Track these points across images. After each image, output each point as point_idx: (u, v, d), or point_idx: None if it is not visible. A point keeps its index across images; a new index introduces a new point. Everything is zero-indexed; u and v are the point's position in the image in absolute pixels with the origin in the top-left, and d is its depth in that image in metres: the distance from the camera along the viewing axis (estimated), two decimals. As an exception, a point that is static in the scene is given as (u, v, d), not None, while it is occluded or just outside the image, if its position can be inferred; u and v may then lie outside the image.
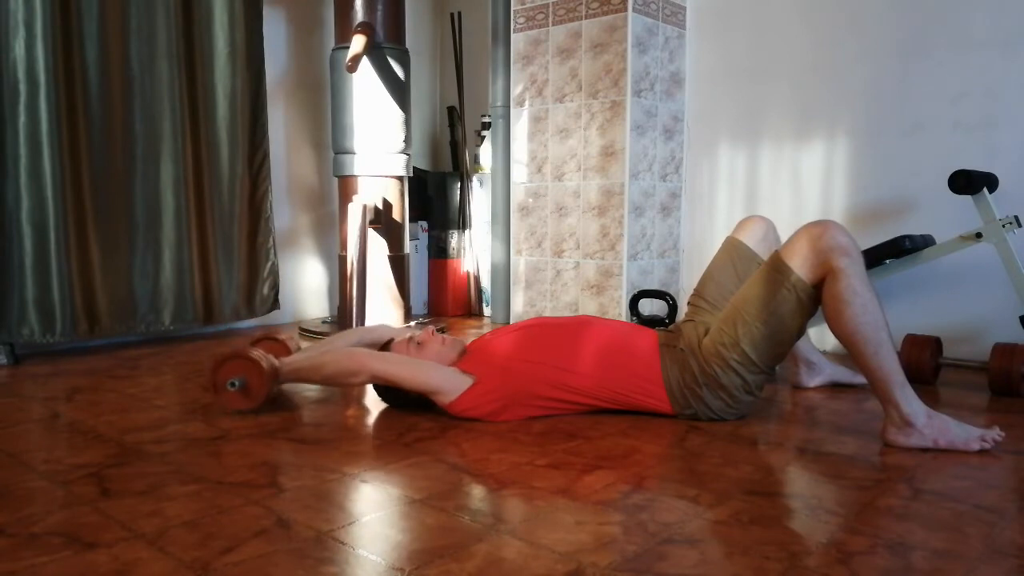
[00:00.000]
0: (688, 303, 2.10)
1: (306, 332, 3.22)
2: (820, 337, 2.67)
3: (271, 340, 2.25)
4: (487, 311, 3.78)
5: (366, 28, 3.05)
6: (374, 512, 1.33)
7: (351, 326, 3.06)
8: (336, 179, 3.32)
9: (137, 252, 2.93)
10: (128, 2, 2.84)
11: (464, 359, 1.92)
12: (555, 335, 1.91)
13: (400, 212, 3.27)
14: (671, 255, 3.17)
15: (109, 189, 2.84)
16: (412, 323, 3.28)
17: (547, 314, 3.18)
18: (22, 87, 2.59)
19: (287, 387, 2.38)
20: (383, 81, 3.11)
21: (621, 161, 2.93)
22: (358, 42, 2.98)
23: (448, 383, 1.84)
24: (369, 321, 3.09)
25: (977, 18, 2.51)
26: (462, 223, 3.83)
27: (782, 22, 2.91)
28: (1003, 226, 2.17)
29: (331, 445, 1.72)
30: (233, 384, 1.87)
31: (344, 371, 1.86)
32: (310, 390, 2.28)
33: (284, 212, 3.54)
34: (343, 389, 2.16)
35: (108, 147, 2.83)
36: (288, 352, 2.17)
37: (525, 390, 1.84)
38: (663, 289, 2.95)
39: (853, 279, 1.63)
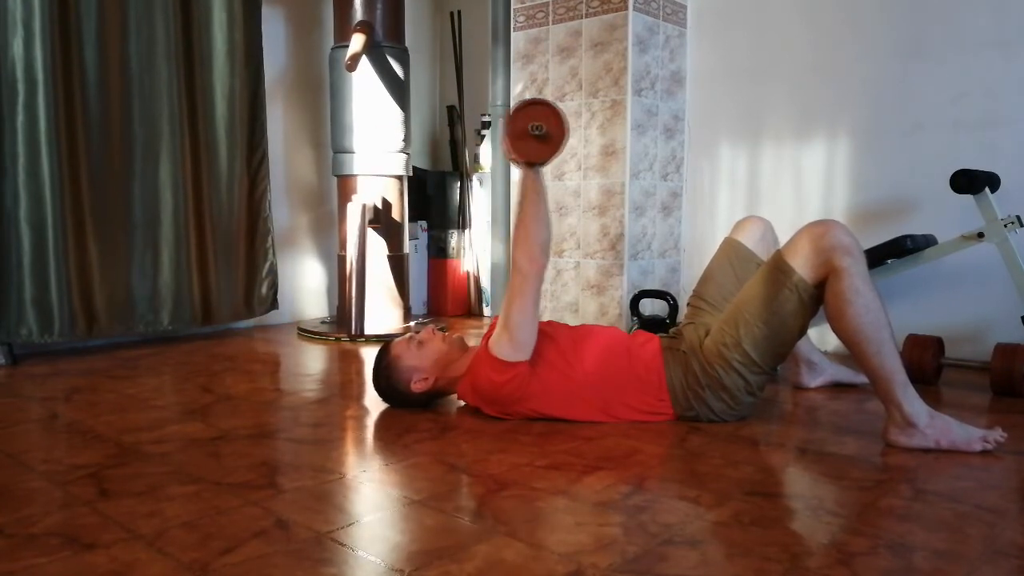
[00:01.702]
0: (687, 304, 2.09)
1: (305, 332, 3.21)
2: (821, 337, 2.66)
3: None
4: (487, 311, 3.77)
5: (365, 27, 3.04)
6: (373, 513, 1.33)
7: (350, 326, 3.05)
8: (335, 178, 3.31)
9: (135, 252, 2.93)
10: (127, 2, 2.84)
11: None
12: (560, 340, 1.89)
13: (399, 212, 3.26)
14: (672, 255, 3.17)
15: (107, 189, 2.83)
16: (412, 323, 3.28)
17: (547, 315, 3.18)
18: (20, 86, 2.58)
19: (287, 387, 2.38)
20: (382, 80, 3.11)
21: (621, 160, 2.92)
22: (357, 41, 2.98)
23: (526, 344, 1.76)
24: (368, 321, 3.08)
25: (977, 18, 2.50)
26: (462, 223, 3.82)
27: (783, 22, 2.90)
28: (1005, 226, 2.17)
29: (330, 445, 1.72)
30: (539, 128, 1.74)
31: (536, 244, 1.75)
32: (309, 390, 2.28)
33: (283, 212, 3.53)
34: (515, 242, 1.83)
35: (106, 146, 2.82)
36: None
37: (538, 398, 1.82)
38: (664, 289, 2.95)
39: (855, 279, 1.63)
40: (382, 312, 3.17)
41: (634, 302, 2.74)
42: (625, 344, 1.88)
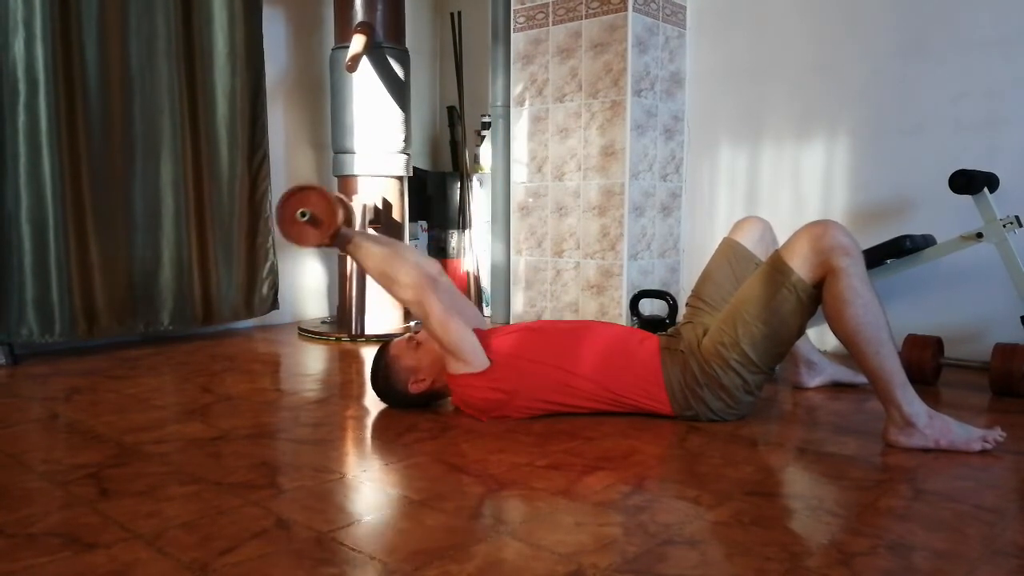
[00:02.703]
0: (686, 304, 2.09)
1: (305, 332, 3.21)
2: (820, 337, 2.66)
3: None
4: (487, 311, 3.78)
5: (366, 28, 3.05)
6: (373, 513, 1.33)
7: (351, 326, 3.06)
8: (336, 179, 3.31)
9: (136, 252, 2.93)
10: (128, 1, 2.84)
11: (486, 343, 1.89)
12: (557, 337, 1.90)
13: (400, 212, 3.26)
14: (671, 255, 3.17)
15: (108, 188, 2.83)
16: (412, 323, 3.28)
17: (547, 314, 3.18)
18: (21, 86, 2.59)
19: (287, 387, 2.38)
20: (383, 81, 3.11)
21: (621, 161, 2.92)
22: (358, 42, 2.98)
23: (473, 354, 1.81)
24: (368, 321, 3.09)
25: (977, 18, 2.51)
26: (462, 223, 3.82)
27: (782, 22, 2.90)
28: (1004, 226, 2.17)
29: (331, 445, 1.72)
30: (304, 215, 1.79)
31: (401, 279, 1.80)
32: (310, 391, 2.28)
33: (284, 212, 3.53)
34: (387, 294, 1.98)
35: (107, 146, 2.82)
36: (349, 212, 2.06)
37: (526, 388, 1.83)
38: (663, 289, 2.95)
39: (854, 279, 1.63)
40: (382, 312, 3.17)
41: (634, 302, 2.74)
42: (624, 343, 1.88)
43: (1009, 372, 2.07)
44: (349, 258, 3.04)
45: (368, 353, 2.79)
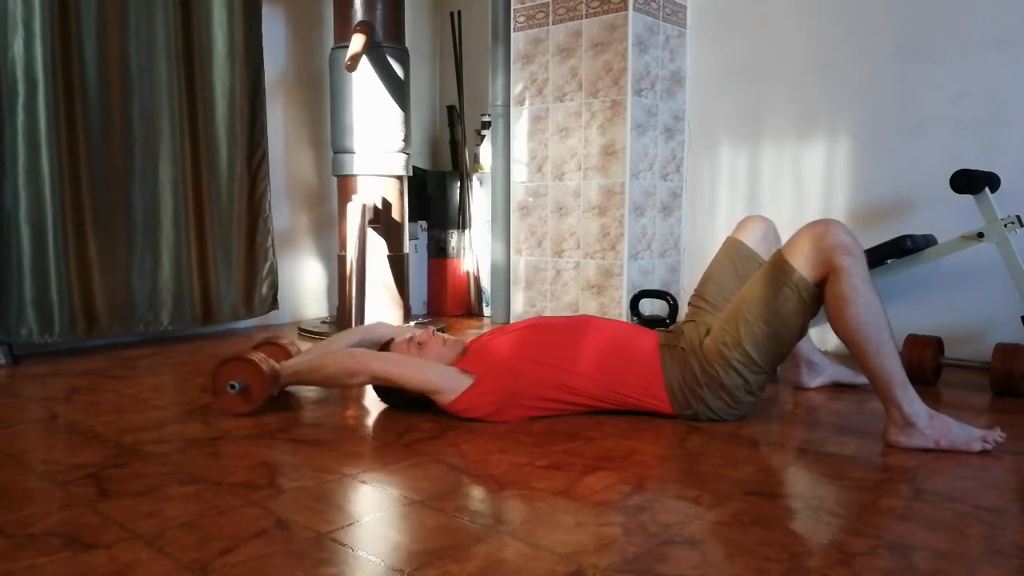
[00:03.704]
0: (689, 303, 2.09)
1: (305, 332, 3.21)
2: (821, 337, 2.66)
3: (272, 345, 2.24)
4: (487, 311, 3.77)
5: (365, 27, 3.04)
6: (373, 513, 1.33)
7: (351, 326, 3.05)
8: (335, 178, 3.31)
9: (135, 252, 2.92)
10: (127, 1, 2.83)
11: (463, 358, 1.91)
12: (555, 335, 1.90)
13: (400, 212, 3.26)
14: (672, 255, 3.17)
15: (107, 189, 2.83)
16: (412, 323, 3.27)
17: (547, 314, 3.18)
18: (20, 87, 2.58)
19: (288, 388, 2.38)
20: (382, 80, 3.11)
21: (621, 160, 2.92)
22: (357, 41, 2.98)
23: (448, 382, 1.83)
24: (368, 320, 3.08)
25: (978, 17, 2.50)
26: (462, 223, 3.82)
27: (783, 21, 2.90)
28: (1005, 226, 2.17)
29: (330, 446, 1.72)
30: (233, 387, 1.88)
31: (344, 371, 1.86)
32: (309, 391, 2.28)
33: (283, 212, 3.53)
34: (343, 389, 2.16)
35: (107, 146, 2.82)
36: (288, 356, 2.17)
37: (525, 390, 1.83)
38: (664, 289, 2.95)
39: (855, 278, 1.63)
40: (382, 312, 3.17)
41: (634, 302, 2.74)
42: (623, 340, 1.88)
43: (1010, 372, 2.07)
44: (349, 258, 3.05)
45: (368, 353, 2.78)
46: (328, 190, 3.68)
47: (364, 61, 3.04)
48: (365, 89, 3.09)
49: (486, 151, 3.69)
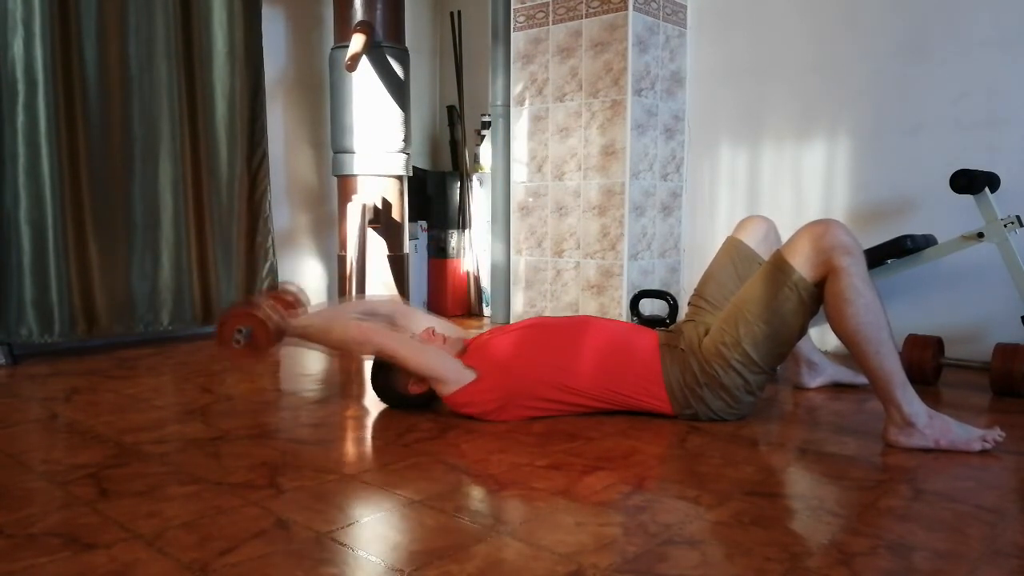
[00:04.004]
0: (689, 303, 2.09)
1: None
2: (821, 337, 2.66)
3: (280, 296, 2.16)
4: (487, 311, 3.77)
5: (365, 27, 3.04)
6: (373, 513, 1.33)
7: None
8: (335, 178, 3.31)
9: (135, 252, 2.92)
10: (127, 1, 2.83)
11: (465, 356, 1.91)
12: (555, 335, 1.90)
13: (399, 212, 3.26)
14: (672, 255, 3.17)
15: (107, 189, 2.83)
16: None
17: (547, 314, 3.18)
18: (20, 87, 2.58)
19: (287, 387, 2.38)
20: (382, 80, 3.11)
21: (621, 160, 2.92)
22: (357, 41, 2.98)
23: (452, 373, 1.83)
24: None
25: (978, 17, 2.50)
26: (462, 223, 3.82)
27: (783, 21, 2.90)
28: (1005, 226, 2.17)
29: (330, 446, 1.72)
30: (239, 337, 1.82)
31: (351, 340, 1.85)
32: (310, 391, 2.28)
33: (283, 212, 3.53)
34: (346, 359, 2.10)
35: (106, 147, 2.82)
36: (296, 307, 2.11)
37: (524, 390, 1.83)
38: (664, 289, 2.95)
39: (855, 278, 1.63)
40: (382, 312, 3.17)
41: (634, 302, 2.74)
42: (623, 340, 1.88)
43: (1010, 372, 2.07)
44: (349, 258, 3.05)
45: (368, 353, 2.79)
46: (328, 190, 3.68)
47: (364, 61, 3.04)
48: (365, 89, 3.09)
49: (486, 151, 3.69)
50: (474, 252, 3.83)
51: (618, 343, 1.88)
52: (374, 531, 1.24)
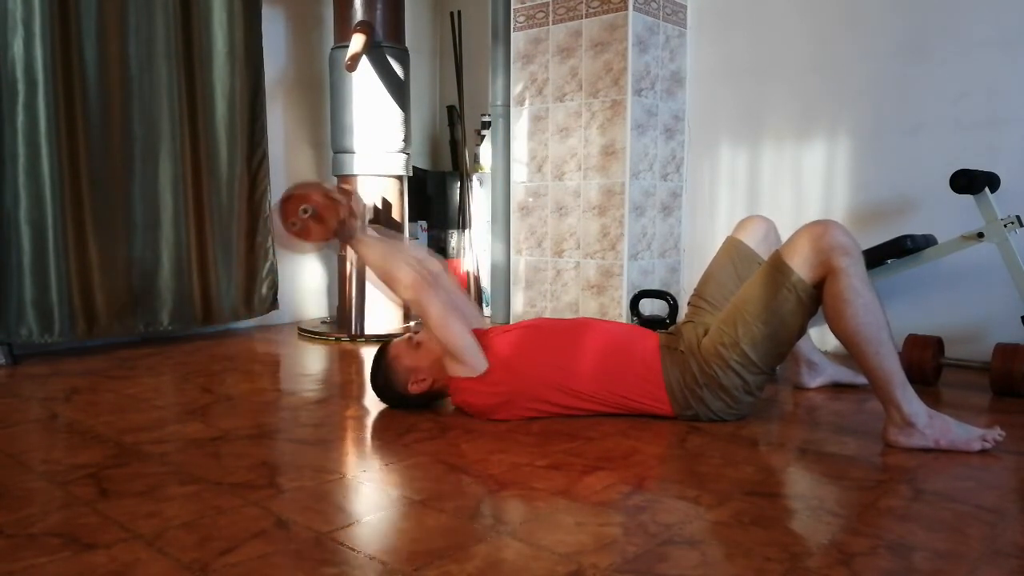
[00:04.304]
0: (688, 303, 2.09)
1: (305, 332, 3.21)
2: (821, 337, 2.66)
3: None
4: (487, 311, 3.77)
5: (365, 27, 3.04)
6: (373, 513, 1.33)
7: (350, 327, 3.05)
8: (335, 178, 3.31)
9: (136, 252, 2.92)
10: (127, 1, 2.84)
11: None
12: (555, 336, 1.90)
13: (399, 212, 3.26)
14: (672, 255, 3.17)
15: (107, 189, 2.83)
16: (412, 323, 3.28)
17: (547, 314, 3.18)
18: (20, 86, 2.58)
19: (287, 387, 2.38)
20: (382, 80, 3.11)
21: (622, 160, 2.92)
22: (357, 41, 2.98)
23: (471, 356, 1.82)
24: (368, 321, 3.08)
25: (978, 17, 2.50)
26: (462, 223, 3.82)
27: (783, 21, 2.90)
28: (1005, 226, 2.17)
29: (330, 446, 1.72)
30: (304, 212, 1.76)
31: (399, 279, 1.81)
32: (309, 391, 2.28)
33: (283, 212, 3.53)
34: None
35: (107, 146, 2.82)
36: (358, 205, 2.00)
37: (526, 390, 1.83)
38: (664, 289, 2.95)
39: (854, 279, 1.63)
40: (382, 312, 3.17)
41: (634, 302, 2.74)
42: (623, 341, 1.88)
43: (1010, 372, 2.07)
44: (348, 258, 3.05)
45: (368, 353, 2.79)
46: (330, 185, 3.67)
47: (364, 61, 3.04)
48: (365, 89, 3.09)
49: (486, 151, 3.69)
50: (474, 252, 3.83)
51: (619, 344, 1.88)
52: (374, 531, 1.24)
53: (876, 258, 2.32)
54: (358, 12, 3.09)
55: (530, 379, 1.83)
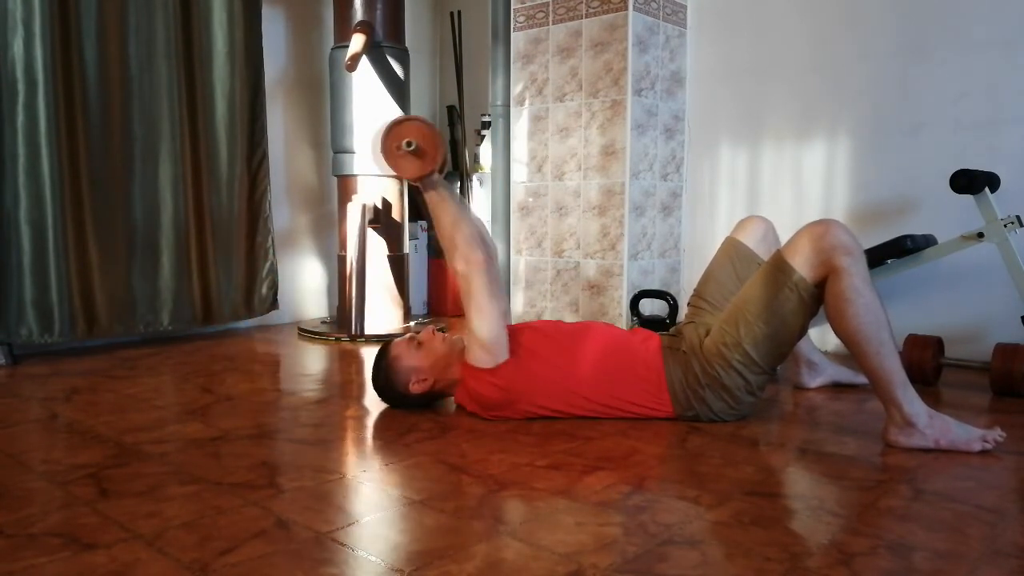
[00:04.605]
0: (688, 304, 2.09)
1: (305, 332, 3.21)
2: (821, 337, 2.66)
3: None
4: (487, 311, 3.77)
5: (365, 27, 3.04)
6: (373, 513, 1.33)
7: (351, 327, 3.05)
8: (335, 178, 3.31)
9: (136, 252, 2.92)
10: (127, 1, 2.83)
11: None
12: (558, 338, 1.90)
13: (400, 212, 3.26)
14: (672, 255, 3.17)
15: (107, 189, 2.83)
16: (412, 323, 3.28)
17: (547, 315, 3.18)
18: (20, 86, 2.58)
19: (287, 387, 2.38)
20: (382, 80, 3.11)
21: (621, 160, 2.92)
22: (357, 41, 2.98)
23: (499, 347, 1.80)
24: (368, 321, 3.08)
25: (978, 17, 2.50)
26: (462, 223, 3.82)
27: (783, 21, 2.90)
28: (1005, 226, 2.17)
29: (331, 445, 1.72)
30: (408, 145, 1.76)
31: (463, 245, 1.78)
32: (310, 391, 2.28)
33: (283, 212, 3.53)
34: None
35: (107, 147, 2.82)
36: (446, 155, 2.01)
37: (530, 390, 1.82)
38: (664, 289, 2.95)
39: (855, 278, 1.63)
40: (382, 312, 3.17)
41: (634, 302, 2.74)
42: (625, 342, 1.88)
43: (1010, 372, 2.07)
44: (349, 258, 3.05)
45: (368, 353, 2.79)
46: (328, 190, 3.68)
47: (364, 61, 3.04)
48: (365, 89, 3.09)
49: (486, 151, 3.69)
50: (474, 252, 3.83)
51: (620, 345, 1.87)
52: (374, 531, 1.24)
53: (876, 258, 2.32)
54: (358, 12, 3.09)
55: (537, 380, 1.83)
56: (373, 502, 1.38)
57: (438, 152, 1.80)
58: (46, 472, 1.50)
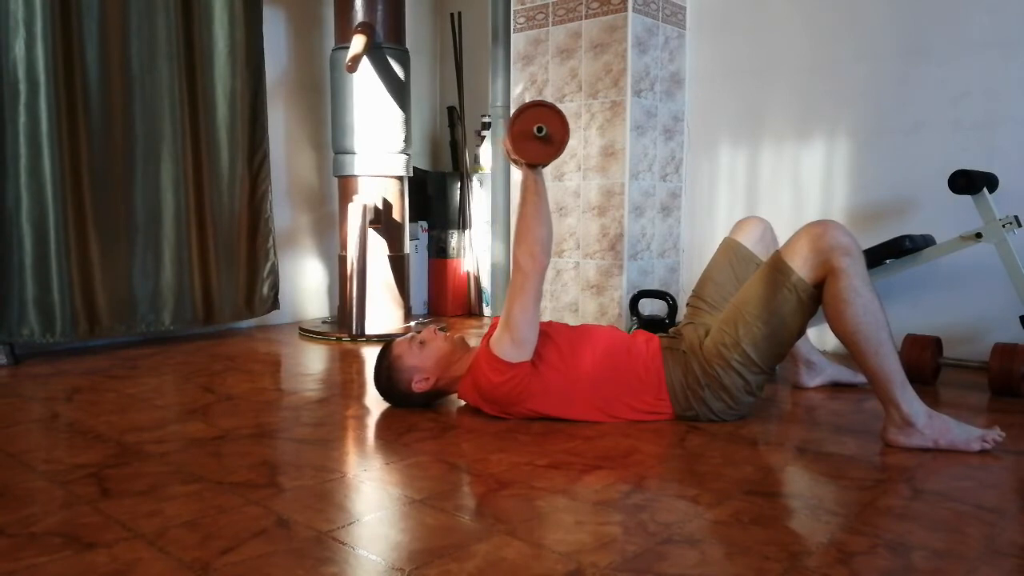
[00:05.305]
0: (687, 304, 2.10)
1: (306, 332, 3.22)
2: (820, 337, 2.67)
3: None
4: (487, 311, 3.78)
5: (366, 28, 3.05)
6: (374, 512, 1.33)
7: (351, 326, 3.06)
8: (336, 179, 3.32)
9: (137, 252, 2.93)
10: (128, 2, 2.84)
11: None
12: (560, 339, 1.90)
13: (400, 212, 3.26)
14: (671, 255, 3.17)
15: (109, 189, 2.83)
16: (412, 323, 3.28)
17: (547, 315, 3.18)
18: (22, 87, 2.59)
19: (288, 386, 2.39)
20: (383, 81, 3.11)
21: (621, 161, 2.92)
22: (358, 42, 2.98)
23: (529, 345, 1.78)
24: (368, 321, 3.09)
25: (977, 18, 2.51)
26: (462, 223, 3.83)
27: (782, 22, 2.90)
28: (1003, 226, 2.17)
29: (331, 445, 1.72)
30: (539, 131, 1.74)
31: (536, 238, 1.77)
32: (310, 390, 2.28)
33: (284, 212, 3.54)
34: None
35: (108, 147, 2.83)
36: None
37: (536, 396, 1.82)
38: (663, 289, 2.95)
39: (854, 279, 1.63)
40: (383, 312, 3.18)
41: (634, 302, 2.74)
42: (625, 344, 1.88)
43: (1008, 372, 2.07)
44: (350, 258, 3.05)
45: (368, 353, 2.79)
46: (329, 191, 3.68)
47: (365, 62, 3.05)
48: (366, 90, 3.09)
49: (486, 151, 3.70)
50: (474, 252, 3.84)
51: (621, 345, 1.87)
52: (375, 530, 1.24)
53: (875, 258, 2.32)
54: (359, 13, 3.09)
55: (548, 391, 1.82)
56: (374, 501, 1.39)
57: (564, 143, 1.79)
58: (47, 472, 1.51)
